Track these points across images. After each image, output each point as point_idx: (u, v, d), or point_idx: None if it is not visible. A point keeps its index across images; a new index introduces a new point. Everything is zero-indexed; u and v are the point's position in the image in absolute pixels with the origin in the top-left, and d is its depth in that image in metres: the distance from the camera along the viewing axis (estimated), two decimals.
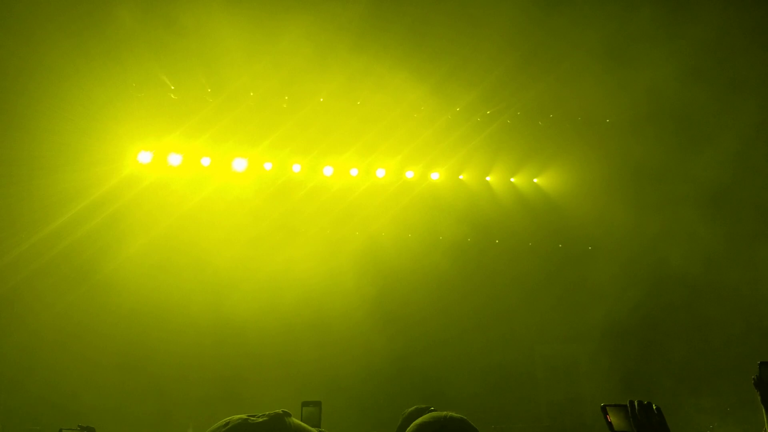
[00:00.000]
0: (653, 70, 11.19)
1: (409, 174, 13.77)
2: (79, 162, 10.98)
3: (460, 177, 14.28)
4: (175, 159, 12.04)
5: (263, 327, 11.38)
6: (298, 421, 2.00)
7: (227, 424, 1.87)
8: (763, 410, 2.97)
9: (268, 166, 12.67)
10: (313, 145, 12.57)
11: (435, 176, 13.98)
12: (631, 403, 2.47)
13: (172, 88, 11.25)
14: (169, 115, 11.43)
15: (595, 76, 11.56)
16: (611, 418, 2.57)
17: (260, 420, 1.90)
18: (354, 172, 13.34)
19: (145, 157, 11.91)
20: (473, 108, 12.80)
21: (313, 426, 3.85)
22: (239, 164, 12.45)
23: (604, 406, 2.59)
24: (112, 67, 10.41)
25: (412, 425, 2.23)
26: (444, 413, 2.28)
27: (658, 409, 2.45)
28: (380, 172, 13.51)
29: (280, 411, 1.95)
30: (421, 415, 4.28)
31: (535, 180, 14.83)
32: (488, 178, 14.55)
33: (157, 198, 11.58)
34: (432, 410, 4.37)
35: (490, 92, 12.44)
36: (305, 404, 3.86)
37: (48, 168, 10.83)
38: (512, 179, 14.72)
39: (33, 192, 10.81)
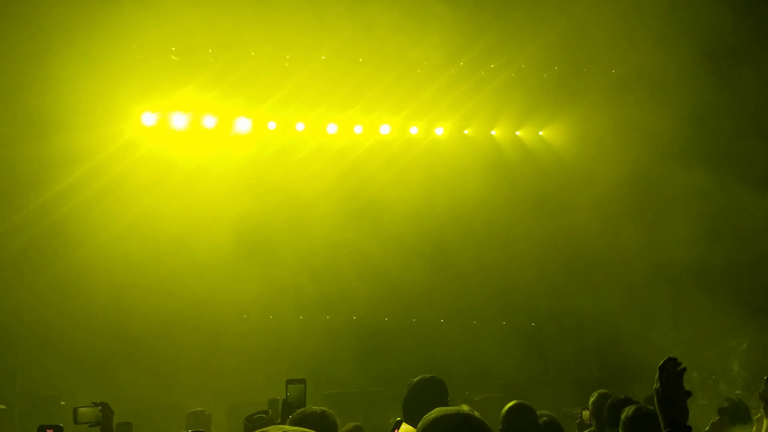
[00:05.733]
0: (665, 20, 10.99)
1: (414, 130, 13.70)
2: (81, 123, 10.88)
3: (465, 132, 14.21)
4: (178, 120, 12.01)
5: (259, 298, 11.47)
6: None
7: None
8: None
9: (272, 125, 12.65)
10: (317, 103, 12.49)
11: (439, 131, 13.92)
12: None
13: (173, 49, 11.15)
14: (171, 76, 11.34)
15: (601, 26, 11.39)
16: None
17: None
18: (358, 129, 13.28)
19: (148, 118, 11.89)
20: (477, 62, 12.66)
21: (298, 403, 3.98)
22: (243, 124, 12.43)
23: None
24: (113, 28, 10.27)
25: (421, 422, 2.24)
26: (455, 409, 2.28)
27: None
28: (384, 129, 13.45)
29: None
30: (427, 386, 4.40)
31: (541, 133, 14.75)
32: (493, 132, 14.47)
33: (159, 162, 11.58)
34: (436, 379, 4.48)
35: (495, 46, 12.28)
36: (290, 382, 3.94)
37: (51, 128, 10.74)
38: (517, 133, 14.64)
39: (34, 153, 10.72)
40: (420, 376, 4.45)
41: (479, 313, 13.02)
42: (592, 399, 5.69)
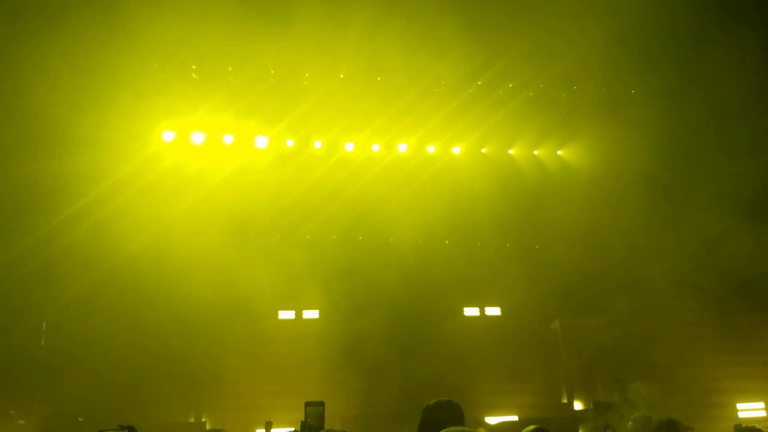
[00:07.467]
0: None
1: (431, 149, 13.74)
2: (105, 141, 10.98)
3: (483, 151, 14.21)
4: (197, 137, 12.14)
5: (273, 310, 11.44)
6: None
7: None
8: None
9: (289, 143, 12.74)
10: (335, 121, 12.56)
11: (457, 150, 13.93)
12: None
13: (194, 68, 11.29)
14: (192, 94, 11.47)
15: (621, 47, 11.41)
16: None
17: None
18: (376, 147, 13.35)
19: (168, 136, 12.02)
20: (495, 82, 12.69)
21: (317, 425, 3.96)
22: (261, 142, 12.53)
23: None
24: (137, 47, 10.40)
25: None
26: (471, 430, 2.28)
27: None
28: (402, 147, 13.50)
29: None
30: (441, 410, 4.36)
31: (559, 152, 14.70)
32: (511, 151, 14.46)
33: (178, 178, 11.67)
34: (452, 403, 4.44)
35: (513, 66, 12.31)
36: (309, 404, 3.94)
37: (76, 146, 10.84)
38: (535, 152, 14.62)
39: (59, 170, 10.82)
40: (436, 400, 4.37)
41: (494, 332, 12.91)
42: (630, 422, 5.52)
